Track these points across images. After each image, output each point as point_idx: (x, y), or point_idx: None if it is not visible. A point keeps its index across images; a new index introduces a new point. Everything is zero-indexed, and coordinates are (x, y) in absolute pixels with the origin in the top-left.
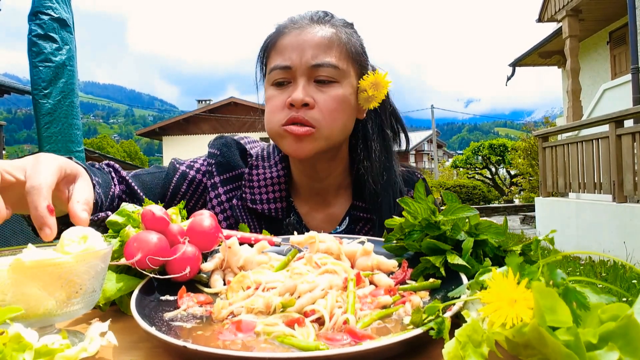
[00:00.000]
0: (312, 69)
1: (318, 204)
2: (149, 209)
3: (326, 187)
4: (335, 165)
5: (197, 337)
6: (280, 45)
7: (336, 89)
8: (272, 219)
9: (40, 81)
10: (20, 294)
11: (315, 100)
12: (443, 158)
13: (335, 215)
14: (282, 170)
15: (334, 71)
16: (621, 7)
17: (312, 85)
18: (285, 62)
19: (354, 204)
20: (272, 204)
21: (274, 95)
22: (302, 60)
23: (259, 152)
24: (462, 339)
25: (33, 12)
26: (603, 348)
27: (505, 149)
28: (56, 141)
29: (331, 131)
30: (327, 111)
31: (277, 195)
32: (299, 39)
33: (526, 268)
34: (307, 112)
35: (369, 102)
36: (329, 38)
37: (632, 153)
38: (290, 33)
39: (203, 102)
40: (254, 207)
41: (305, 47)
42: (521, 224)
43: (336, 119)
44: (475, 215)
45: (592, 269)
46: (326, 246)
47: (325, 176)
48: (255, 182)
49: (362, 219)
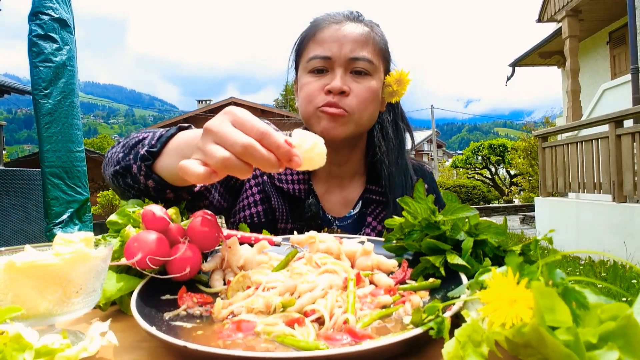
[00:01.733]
0: (350, 61)
1: (335, 187)
2: (149, 209)
3: (343, 172)
4: (355, 152)
5: (197, 337)
6: (320, 37)
7: (369, 81)
8: (294, 198)
9: (41, 81)
10: (18, 294)
11: (350, 89)
12: (443, 158)
13: (350, 199)
14: None
15: (369, 65)
16: (621, 7)
17: (348, 75)
18: (326, 53)
19: (367, 187)
20: (295, 184)
21: (311, 82)
22: (341, 52)
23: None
24: (462, 339)
25: (33, 12)
26: (603, 348)
27: (505, 149)
28: (56, 141)
29: (361, 118)
30: (361, 99)
31: (300, 177)
32: (339, 33)
33: (526, 268)
34: (343, 99)
35: (392, 96)
36: (366, 35)
37: (632, 153)
38: (329, 27)
39: (203, 102)
40: (280, 185)
41: (344, 41)
42: (521, 224)
43: (367, 107)
44: (475, 215)
45: (592, 269)
46: (326, 246)
47: (344, 162)
48: None
49: (375, 202)
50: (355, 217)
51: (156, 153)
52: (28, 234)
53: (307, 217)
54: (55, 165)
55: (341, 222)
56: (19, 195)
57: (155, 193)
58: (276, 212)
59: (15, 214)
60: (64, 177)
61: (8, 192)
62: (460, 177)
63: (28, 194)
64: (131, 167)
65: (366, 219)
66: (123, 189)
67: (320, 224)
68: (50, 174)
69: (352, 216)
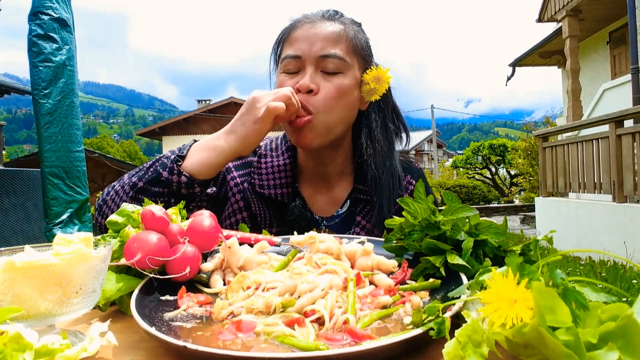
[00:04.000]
0: (320, 59)
1: (322, 187)
2: (148, 209)
3: (330, 172)
4: (339, 153)
5: (197, 337)
6: (293, 37)
7: (340, 79)
8: (278, 203)
9: (41, 81)
10: (18, 294)
11: (319, 88)
12: (443, 158)
13: (337, 198)
14: (289, 159)
15: (340, 63)
16: (621, 7)
17: (319, 74)
18: (296, 52)
19: (355, 187)
20: (278, 189)
21: (283, 82)
22: (311, 50)
23: (267, 143)
24: (462, 339)
25: (33, 12)
26: (603, 348)
27: (505, 149)
28: (56, 141)
29: (329, 118)
30: (328, 98)
31: (284, 181)
32: (310, 32)
33: (526, 268)
34: (310, 98)
35: (371, 94)
36: (338, 32)
37: (632, 153)
38: (302, 26)
39: (203, 102)
40: (262, 191)
41: (314, 39)
42: (521, 224)
43: (335, 106)
44: (475, 215)
45: (592, 269)
46: (326, 246)
47: (329, 162)
48: (263, 169)
49: (363, 201)
50: (343, 217)
51: (184, 156)
52: (28, 234)
53: (290, 220)
54: (55, 165)
55: (329, 221)
56: (18, 195)
57: (186, 189)
58: (257, 217)
59: (15, 214)
60: (64, 177)
61: (8, 192)
62: (460, 177)
63: (28, 194)
64: (160, 175)
65: (355, 218)
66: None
67: (306, 226)
68: (50, 174)
69: (339, 215)
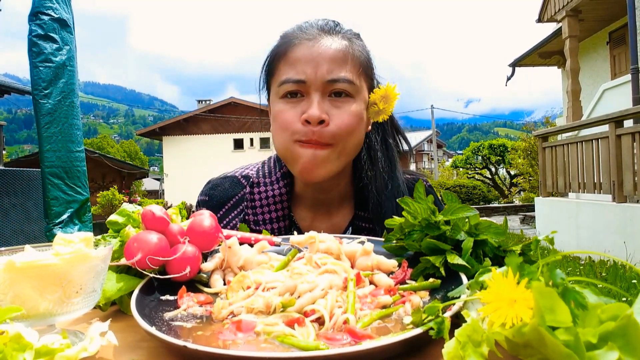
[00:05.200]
0: (328, 84)
1: (321, 215)
2: (148, 209)
3: (330, 199)
4: (341, 177)
5: (197, 337)
6: (292, 56)
7: (351, 104)
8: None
9: (41, 81)
10: (18, 294)
11: (330, 117)
12: (443, 158)
13: (338, 226)
14: (285, 188)
15: (349, 86)
16: (621, 7)
17: (326, 100)
18: (299, 76)
19: (356, 214)
20: (274, 223)
21: (284, 110)
22: (317, 74)
23: (259, 168)
24: (462, 339)
25: (33, 12)
26: (603, 348)
27: (505, 149)
28: (56, 141)
29: (346, 148)
30: (344, 127)
31: (280, 214)
32: (313, 52)
33: (526, 268)
34: (323, 129)
35: (379, 115)
36: (344, 51)
37: (632, 153)
38: (301, 44)
39: (203, 102)
40: (257, 228)
41: (319, 61)
42: (521, 224)
43: (352, 134)
44: (475, 215)
45: (592, 269)
46: (326, 246)
47: (329, 189)
48: (257, 201)
49: (365, 229)
50: None
51: None
52: (28, 234)
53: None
54: (55, 165)
55: None
56: (19, 195)
57: None
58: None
59: (15, 214)
60: (64, 177)
61: (8, 192)
62: (460, 177)
63: (28, 194)
64: None
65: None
66: None
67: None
68: (50, 174)
69: None
